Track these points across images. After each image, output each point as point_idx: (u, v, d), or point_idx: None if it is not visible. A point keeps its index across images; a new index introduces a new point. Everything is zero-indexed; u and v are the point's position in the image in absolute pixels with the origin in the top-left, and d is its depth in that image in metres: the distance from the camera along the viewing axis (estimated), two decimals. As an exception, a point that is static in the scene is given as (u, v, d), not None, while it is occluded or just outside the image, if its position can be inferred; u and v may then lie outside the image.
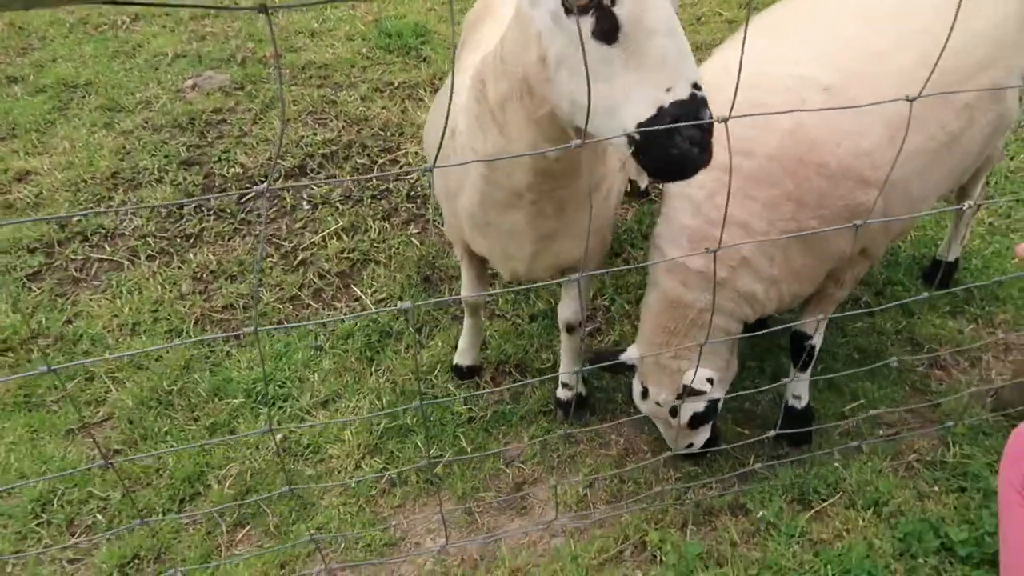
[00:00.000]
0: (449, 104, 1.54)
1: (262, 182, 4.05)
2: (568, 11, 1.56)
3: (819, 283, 2.55)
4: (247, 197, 4.05)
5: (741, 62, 1.59)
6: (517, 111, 1.89)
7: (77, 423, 2.98)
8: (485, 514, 2.72)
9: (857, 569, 2.29)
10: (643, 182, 4.16)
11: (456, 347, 3.21)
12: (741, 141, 2.24)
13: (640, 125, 1.54)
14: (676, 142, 1.52)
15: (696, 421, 2.54)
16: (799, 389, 2.90)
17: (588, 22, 1.54)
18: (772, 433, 2.40)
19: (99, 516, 2.69)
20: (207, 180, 4.16)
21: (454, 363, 3.20)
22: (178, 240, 3.83)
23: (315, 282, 3.63)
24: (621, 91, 1.57)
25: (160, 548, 2.58)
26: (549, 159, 1.95)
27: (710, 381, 2.41)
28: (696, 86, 1.53)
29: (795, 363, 2.81)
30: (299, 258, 3.74)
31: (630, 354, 2.54)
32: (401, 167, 4.25)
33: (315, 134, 4.41)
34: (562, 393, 3.03)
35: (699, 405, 2.48)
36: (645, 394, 2.55)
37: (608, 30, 1.53)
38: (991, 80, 2.45)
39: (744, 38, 1.58)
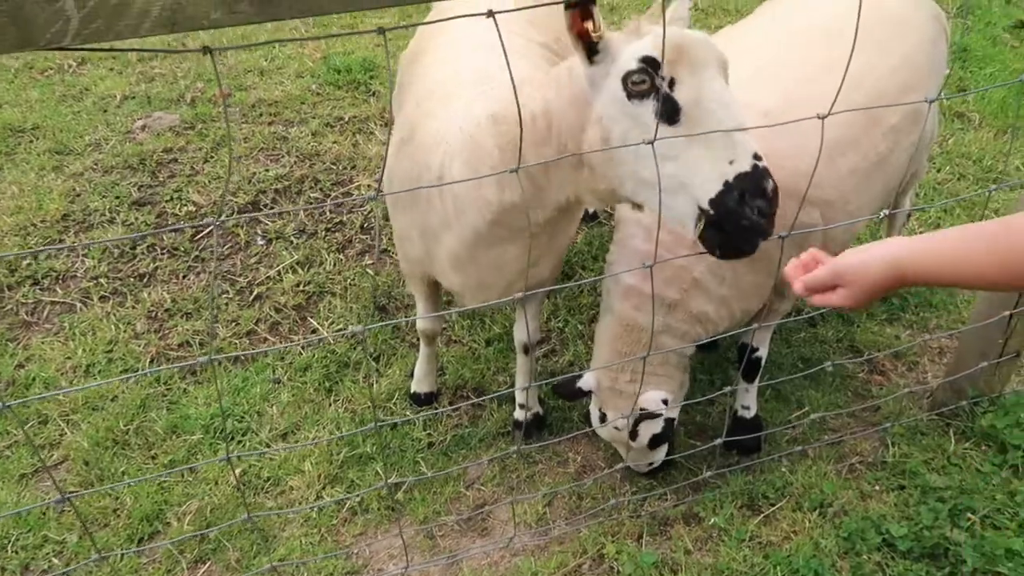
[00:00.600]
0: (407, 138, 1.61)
1: (214, 224, 4.08)
2: (630, 96, 1.65)
3: (767, 299, 2.67)
4: (200, 234, 4.07)
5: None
6: (567, 177, 1.90)
7: (31, 467, 2.96)
8: (447, 537, 2.76)
9: (804, 569, 2.38)
10: (591, 206, 4.28)
11: (413, 375, 3.26)
12: None
13: (711, 201, 1.62)
14: (746, 213, 1.61)
15: (655, 441, 2.61)
16: (747, 399, 3.00)
17: (650, 106, 1.64)
18: (719, 441, 2.49)
19: (55, 560, 2.67)
20: (159, 219, 4.17)
21: (412, 391, 3.25)
22: (131, 280, 3.83)
23: (271, 316, 3.66)
24: (686, 168, 1.65)
25: (119, 589, 2.57)
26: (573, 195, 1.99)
27: (665, 402, 2.50)
28: (756, 156, 1.62)
29: (743, 374, 2.92)
30: (254, 293, 3.76)
31: (587, 381, 2.60)
32: (354, 200, 4.32)
33: (267, 170, 4.46)
34: (519, 414, 3.10)
35: (656, 426, 2.54)
36: (603, 419, 2.62)
37: (670, 112, 1.64)
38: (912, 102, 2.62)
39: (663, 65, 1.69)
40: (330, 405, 3.23)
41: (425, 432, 3.11)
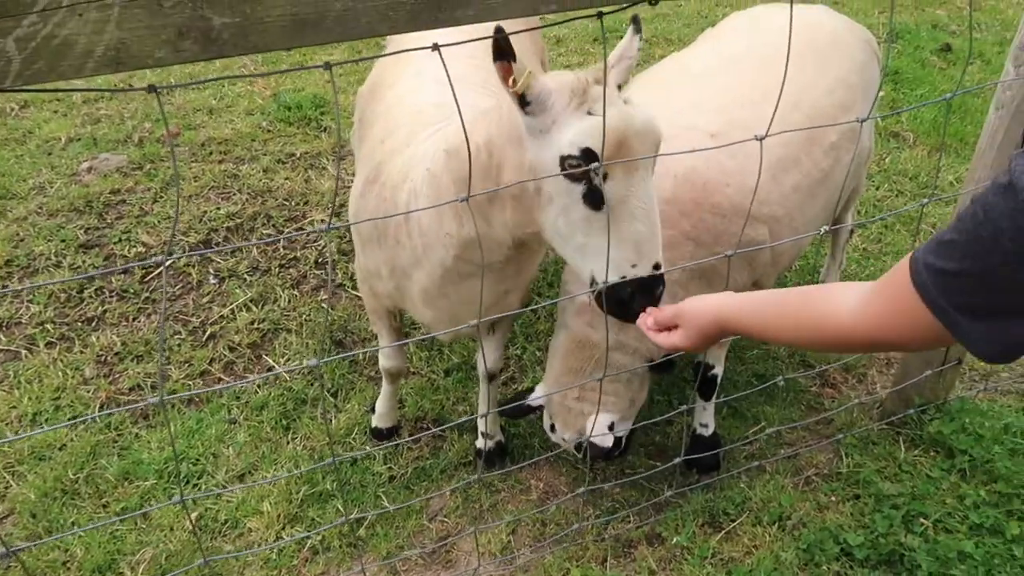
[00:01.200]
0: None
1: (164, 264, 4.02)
2: (563, 170, 1.76)
3: None
4: (150, 275, 4.01)
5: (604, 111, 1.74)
6: (505, 210, 1.97)
7: (-25, 523, 2.85)
8: (410, 571, 2.73)
9: (766, 582, 2.42)
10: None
11: (374, 410, 3.24)
12: None
13: (604, 283, 1.82)
14: (631, 305, 1.83)
15: (605, 456, 2.60)
16: (705, 418, 3.05)
17: (579, 189, 1.76)
18: (679, 460, 2.53)
19: (3, 618, 2.56)
20: (108, 262, 4.09)
21: (373, 426, 3.22)
22: (79, 324, 3.74)
23: (225, 355, 3.60)
24: (595, 249, 1.81)
25: (71, 644, 2.48)
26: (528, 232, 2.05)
27: (611, 428, 2.52)
28: (656, 266, 1.80)
29: (700, 392, 2.96)
30: (208, 332, 3.71)
31: (536, 396, 2.63)
32: (307, 235, 4.30)
33: (219, 208, 4.42)
34: (481, 442, 3.09)
35: (604, 442, 2.54)
36: (553, 428, 2.65)
37: (596, 201, 1.76)
38: (849, 120, 2.73)
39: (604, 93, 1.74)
40: (288, 443, 3.18)
41: (386, 466, 3.08)
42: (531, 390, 2.68)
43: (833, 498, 2.82)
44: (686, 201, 2.41)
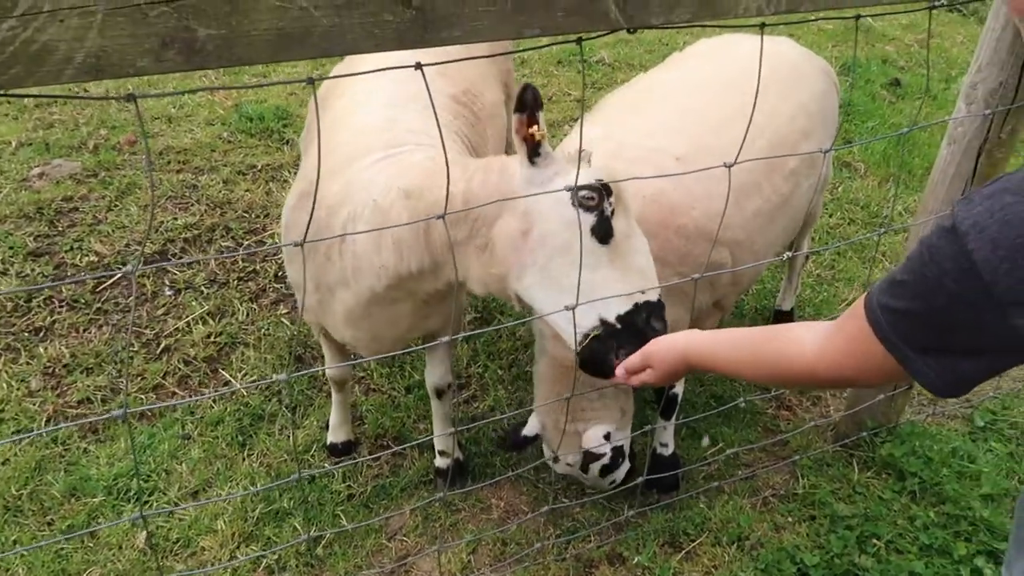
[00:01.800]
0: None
1: (129, 274, 3.92)
2: (574, 204, 1.84)
3: None
4: (102, 285, 3.90)
5: (581, 135, 1.77)
6: (469, 258, 1.99)
7: (-91, 541, 2.72)
8: (369, 592, 2.69)
9: (726, 602, 2.44)
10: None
11: (328, 426, 3.19)
12: None
13: (619, 317, 1.87)
14: (647, 330, 1.89)
15: (605, 471, 2.63)
16: (665, 437, 3.08)
17: (591, 219, 1.85)
18: (640, 480, 2.55)
19: (-63, 642, 2.45)
20: (58, 270, 3.97)
21: (328, 442, 3.17)
22: (26, 335, 3.62)
23: (180, 368, 3.52)
24: (602, 283, 1.87)
25: (11, 669, 2.37)
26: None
27: (607, 437, 2.54)
28: (660, 295, 1.94)
29: (661, 412, 2.99)
30: (162, 345, 3.62)
31: (532, 426, 2.62)
32: (268, 248, 4.24)
33: (176, 219, 4.33)
34: (440, 461, 3.07)
35: (605, 458, 2.58)
36: (556, 459, 2.64)
37: (605, 233, 1.86)
38: (810, 147, 2.82)
39: (581, 119, 1.77)
40: (244, 460, 3.11)
41: (344, 484, 3.03)
42: (521, 423, 2.67)
43: (790, 519, 2.87)
44: (653, 222, 2.45)
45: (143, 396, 3.37)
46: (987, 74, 2.51)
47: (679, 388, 2.96)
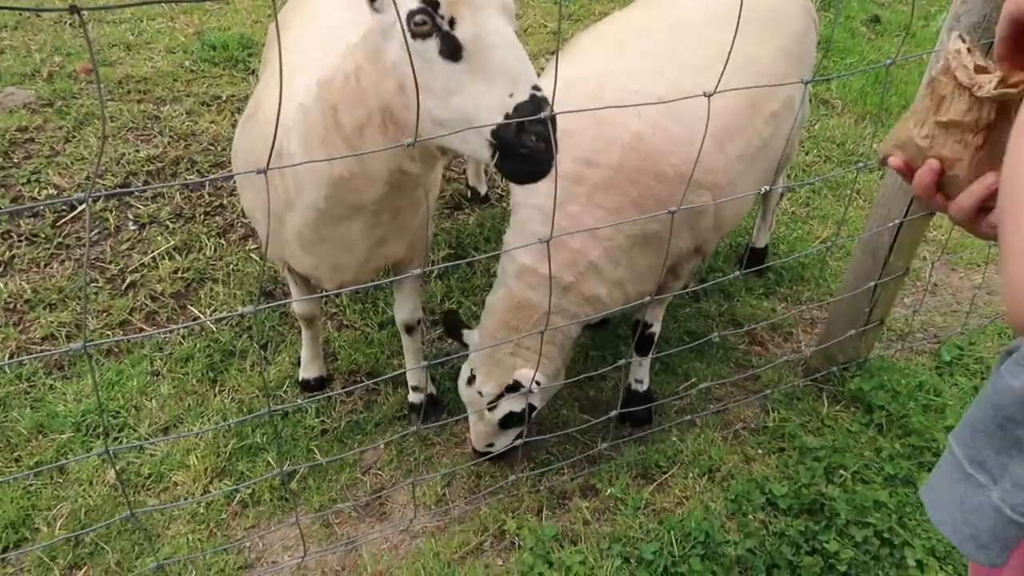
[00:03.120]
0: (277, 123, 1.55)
1: (84, 203, 3.78)
2: (414, 36, 1.67)
3: (661, 280, 2.74)
4: (63, 219, 3.77)
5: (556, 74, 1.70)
6: (376, 138, 1.91)
7: None
8: (344, 524, 2.69)
9: (696, 531, 2.48)
10: (482, 188, 4.28)
11: (300, 362, 3.16)
12: (587, 152, 2.40)
13: (493, 133, 1.67)
14: (524, 141, 1.65)
15: (507, 421, 2.61)
16: (640, 373, 3.09)
17: (433, 44, 1.67)
18: (614, 414, 2.56)
19: (-95, 577, 2.41)
20: (15, 203, 3.83)
21: (300, 377, 3.14)
22: (-16, 269, 3.50)
23: (147, 304, 3.44)
24: (472, 102, 1.69)
25: (-18, 603, 2.36)
26: (403, 173, 2.00)
27: (537, 383, 2.50)
28: (536, 87, 1.65)
29: (636, 349, 3.00)
30: (127, 281, 3.53)
31: (471, 338, 2.61)
32: (234, 182, 4.12)
33: (138, 151, 4.18)
34: (413, 396, 3.06)
35: (517, 405, 2.56)
36: (471, 381, 2.62)
37: (452, 50, 1.67)
38: (788, 89, 2.77)
39: (556, 53, 1.70)
40: (215, 396, 3.07)
41: (318, 419, 3.02)
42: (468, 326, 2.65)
43: (760, 451, 2.92)
44: (632, 169, 2.40)
45: (109, 332, 3.30)
46: (971, 6, 2.46)
47: (657, 327, 2.96)
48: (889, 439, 2.91)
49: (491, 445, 2.74)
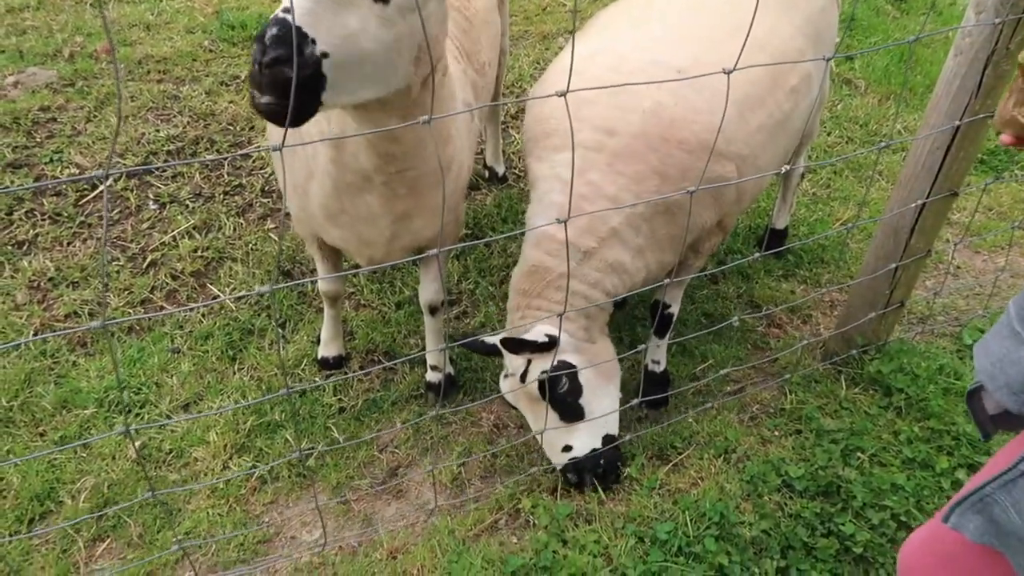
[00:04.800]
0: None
1: (102, 182, 3.82)
2: None
3: (681, 254, 2.72)
4: (85, 199, 3.81)
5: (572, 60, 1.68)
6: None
7: (-99, 451, 2.72)
8: (361, 501, 2.72)
9: (711, 511, 2.49)
10: (500, 168, 4.26)
11: (319, 340, 3.18)
12: (606, 121, 2.39)
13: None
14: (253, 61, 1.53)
15: (551, 388, 2.45)
16: (658, 355, 3.08)
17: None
18: (636, 402, 2.53)
19: (-65, 547, 2.48)
20: (38, 183, 3.87)
21: (319, 356, 3.17)
22: (9, 248, 3.55)
23: (168, 283, 3.47)
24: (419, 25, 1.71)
25: (9, 573, 2.41)
26: (389, 141, 2.02)
27: (549, 336, 2.42)
28: (285, 9, 1.50)
29: (655, 331, 2.99)
30: (148, 260, 3.56)
31: (491, 339, 2.59)
32: (254, 162, 4.14)
33: (158, 131, 4.20)
34: (431, 376, 3.08)
35: (545, 363, 2.45)
36: (507, 376, 2.60)
37: None
38: (807, 65, 2.73)
39: (573, 33, 1.68)
40: (234, 374, 3.11)
41: (336, 397, 3.04)
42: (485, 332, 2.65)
43: (776, 433, 2.90)
44: (653, 136, 2.38)
45: (131, 310, 3.34)
46: (1000, -20, 2.41)
47: (675, 308, 2.94)
48: (908, 422, 2.89)
49: (568, 448, 2.58)
